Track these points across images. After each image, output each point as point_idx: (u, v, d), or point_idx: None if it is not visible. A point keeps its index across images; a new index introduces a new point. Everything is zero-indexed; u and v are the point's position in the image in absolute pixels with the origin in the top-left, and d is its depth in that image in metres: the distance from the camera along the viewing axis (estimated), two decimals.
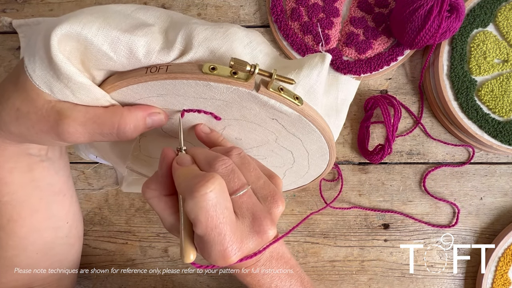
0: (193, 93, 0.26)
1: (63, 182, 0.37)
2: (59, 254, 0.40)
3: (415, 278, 0.50)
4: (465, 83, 0.47)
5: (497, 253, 0.47)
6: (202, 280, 0.51)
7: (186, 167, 0.26)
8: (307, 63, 0.28)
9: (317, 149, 0.34)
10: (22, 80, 0.25)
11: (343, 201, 0.50)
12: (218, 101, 0.27)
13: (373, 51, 0.49)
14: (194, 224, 0.23)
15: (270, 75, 0.25)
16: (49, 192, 0.36)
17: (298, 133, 0.31)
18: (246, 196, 0.26)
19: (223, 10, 0.53)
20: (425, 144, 0.50)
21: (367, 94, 0.51)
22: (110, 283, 0.52)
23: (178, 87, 0.26)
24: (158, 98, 0.27)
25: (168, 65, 0.25)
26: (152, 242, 0.52)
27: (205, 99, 0.27)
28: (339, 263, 0.50)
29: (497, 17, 0.47)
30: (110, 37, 0.23)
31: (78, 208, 0.42)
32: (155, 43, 0.24)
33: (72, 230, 0.41)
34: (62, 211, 0.39)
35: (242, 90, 0.25)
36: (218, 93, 0.26)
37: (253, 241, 0.25)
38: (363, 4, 0.50)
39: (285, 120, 0.29)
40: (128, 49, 0.24)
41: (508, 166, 0.50)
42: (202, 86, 0.25)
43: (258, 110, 0.28)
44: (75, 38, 0.22)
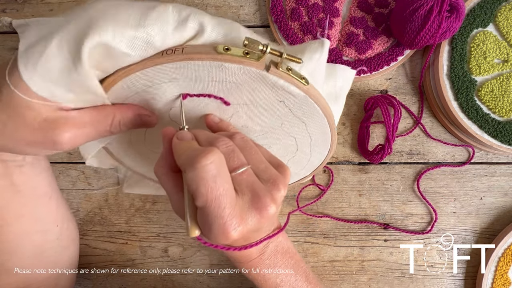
0: (206, 76, 0.27)
1: (46, 184, 0.36)
2: (52, 256, 0.39)
3: (415, 278, 0.50)
4: (465, 83, 0.47)
5: (497, 253, 0.47)
6: (202, 280, 0.51)
7: (186, 142, 0.26)
8: (308, 48, 0.30)
9: (319, 134, 0.35)
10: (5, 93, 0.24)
11: (343, 202, 0.50)
12: (229, 84, 0.28)
13: (373, 51, 0.49)
14: (194, 196, 0.24)
15: (280, 54, 0.25)
16: (33, 196, 0.35)
17: (303, 116, 0.32)
18: (245, 174, 0.26)
19: (223, 10, 0.53)
20: (425, 144, 0.50)
21: (367, 94, 0.51)
22: (110, 283, 0.52)
23: (191, 70, 0.26)
24: (170, 83, 0.27)
25: (183, 47, 0.25)
26: (152, 242, 0.52)
27: (216, 81, 0.28)
28: (339, 263, 0.50)
29: (497, 17, 0.47)
30: (126, 38, 0.23)
31: (67, 209, 0.41)
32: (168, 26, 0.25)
33: (63, 232, 0.40)
34: (50, 214, 0.38)
35: (253, 70, 0.26)
36: (231, 74, 0.27)
37: (253, 217, 0.25)
38: (363, 4, 0.50)
39: (292, 102, 0.30)
40: (145, 42, 0.24)
41: (508, 166, 0.50)
42: (216, 68, 0.26)
43: (267, 91, 0.29)
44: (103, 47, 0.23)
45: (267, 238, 0.30)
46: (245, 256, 0.32)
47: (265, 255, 0.33)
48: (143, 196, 0.52)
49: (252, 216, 0.25)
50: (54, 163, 0.52)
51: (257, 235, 0.30)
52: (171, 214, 0.52)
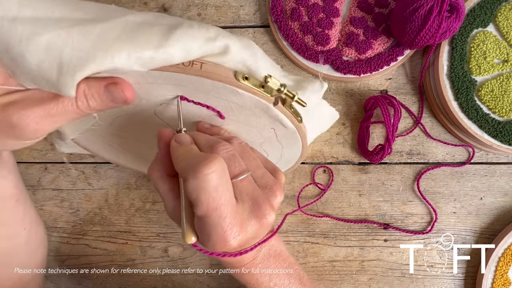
0: (213, 92, 0.27)
1: (13, 186, 0.33)
2: (20, 262, 0.36)
3: (415, 278, 0.50)
4: (465, 83, 0.47)
5: (497, 253, 0.47)
6: (202, 280, 0.51)
7: (185, 146, 0.25)
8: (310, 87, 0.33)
9: (289, 157, 0.40)
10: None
11: (343, 202, 0.50)
12: (233, 104, 0.28)
13: (373, 51, 0.49)
14: (194, 205, 0.23)
15: (293, 97, 0.28)
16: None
17: (284, 143, 0.36)
18: (246, 181, 0.26)
19: (223, 10, 0.53)
20: (425, 144, 0.50)
21: (367, 94, 0.51)
22: (110, 283, 0.52)
23: (203, 84, 0.26)
24: (174, 87, 0.27)
25: (202, 62, 0.24)
26: (152, 242, 0.52)
27: (222, 99, 0.28)
28: (339, 263, 0.50)
29: (497, 17, 0.47)
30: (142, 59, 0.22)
31: (34, 212, 0.38)
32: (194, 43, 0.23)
33: (31, 236, 0.37)
34: (17, 217, 0.35)
35: (262, 101, 0.27)
36: (240, 99, 0.27)
37: (252, 225, 0.25)
38: (363, 4, 0.50)
39: (281, 131, 0.32)
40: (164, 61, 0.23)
41: (508, 166, 0.50)
42: (228, 90, 0.26)
43: (264, 118, 0.30)
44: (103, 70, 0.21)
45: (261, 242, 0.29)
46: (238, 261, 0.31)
47: (258, 259, 0.33)
48: (143, 196, 0.52)
49: (252, 225, 0.25)
50: (54, 163, 0.52)
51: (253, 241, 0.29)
52: None
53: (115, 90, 0.23)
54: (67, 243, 0.52)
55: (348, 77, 0.50)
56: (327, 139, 0.51)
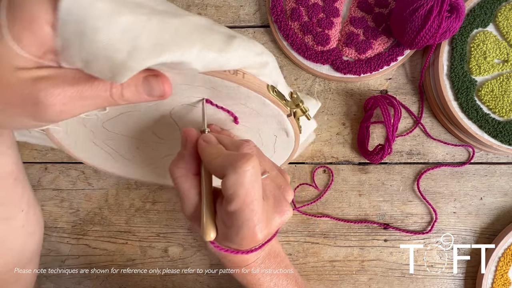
0: (242, 99, 0.29)
1: (12, 162, 0.31)
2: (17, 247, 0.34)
3: (415, 278, 0.50)
4: (465, 83, 0.47)
5: (497, 253, 0.47)
6: (202, 280, 0.51)
7: (214, 146, 0.27)
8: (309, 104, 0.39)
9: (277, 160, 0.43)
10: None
11: (343, 202, 0.50)
12: (253, 111, 0.31)
13: (373, 51, 0.49)
14: (229, 201, 0.24)
15: (305, 111, 0.32)
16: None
17: (278, 149, 0.39)
18: (268, 180, 0.28)
19: (223, 10, 0.53)
20: (425, 144, 0.50)
21: (367, 94, 0.51)
22: (110, 283, 0.52)
23: (238, 92, 0.28)
24: (207, 90, 0.28)
25: (244, 72, 0.27)
26: (152, 242, 0.52)
27: (246, 106, 0.30)
28: (339, 263, 0.50)
29: (497, 17, 0.47)
30: (206, 59, 0.22)
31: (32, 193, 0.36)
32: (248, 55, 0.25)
33: (29, 218, 0.35)
34: (15, 197, 0.33)
35: (280, 112, 0.31)
36: (264, 108, 0.30)
37: (275, 220, 0.27)
38: (363, 4, 0.50)
39: (282, 139, 0.36)
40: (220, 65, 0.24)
41: (508, 166, 0.50)
42: (257, 100, 0.29)
43: (273, 126, 0.34)
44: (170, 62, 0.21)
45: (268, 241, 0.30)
46: (243, 260, 0.33)
47: (260, 259, 0.34)
48: (143, 196, 0.52)
49: (275, 220, 0.27)
50: (54, 163, 0.52)
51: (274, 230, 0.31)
52: (171, 214, 0.52)
53: (155, 82, 0.23)
54: (67, 243, 0.52)
55: (348, 77, 0.50)
56: (327, 139, 0.51)
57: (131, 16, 0.19)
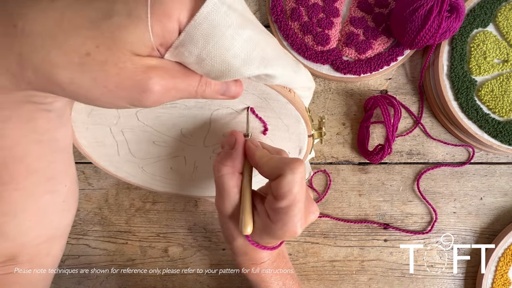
0: (283, 114, 0.33)
1: (69, 136, 0.31)
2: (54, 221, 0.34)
3: (415, 278, 0.50)
4: (465, 83, 0.47)
5: (497, 253, 0.47)
6: (202, 280, 0.51)
7: (262, 149, 0.30)
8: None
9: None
10: (117, 22, 0.19)
11: (343, 202, 0.50)
12: (284, 127, 0.35)
13: (373, 51, 0.49)
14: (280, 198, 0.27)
15: (322, 136, 0.37)
16: (53, 148, 0.29)
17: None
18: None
19: None
20: (425, 144, 0.50)
21: (367, 94, 0.51)
22: (110, 283, 0.52)
23: (284, 107, 0.32)
24: (258, 99, 0.32)
25: (295, 92, 0.32)
26: (152, 242, 0.52)
27: (281, 121, 0.34)
28: (339, 263, 0.50)
29: (497, 17, 0.47)
30: (286, 76, 0.28)
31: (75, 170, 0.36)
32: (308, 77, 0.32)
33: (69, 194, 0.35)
34: (63, 172, 0.32)
35: (305, 132, 0.35)
36: (296, 125, 0.34)
37: (309, 219, 0.30)
38: (363, 4, 0.50)
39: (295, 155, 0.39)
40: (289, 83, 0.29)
41: (508, 166, 0.50)
42: (296, 117, 0.33)
43: (292, 144, 0.37)
44: (271, 76, 0.26)
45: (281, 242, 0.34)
46: (260, 258, 0.35)
47: (273, 258, 0.37)
48: (143, 196, 0.52)
49: (309, 217, 0.30)
50: None
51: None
52: (171, 214, 0.52)
53: (232, 84, 0.26)
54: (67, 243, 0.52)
55: (348, 77, 0.50)
56: (327, 139, 0.51)
57: (251, 31, 0.23)
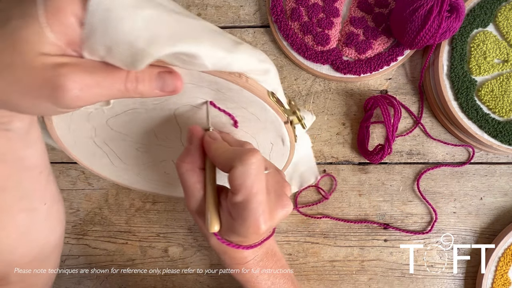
0: (244, 103, 0.30)
1: (37, 156, 0.31)
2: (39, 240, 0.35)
3: (415, 278, 0.50)
4: (465, 83, 0.47)
5: (497, 253, 0.47)
6: (202, 280, 0.51)
7: (220, 142, 0.29)
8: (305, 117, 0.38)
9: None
10: (14, 24, 0.19)
11: (343, 202, 0.50)
12: (254, 117, 0.32)
13: (373, 51, 0.49)
14: (236, 191, 0.26)
15: (301, 119, 0.33)
16: (19, 167, 0.30)
17: (274, 157, 0.39)
18: (270, 176, 0.29)
19: (223, 10, 0.53)
20: (425, 144, 0.50)
21: (367, 94, 0.51)
22: (110, 283, 0.52)
23: (241, 95, 0.29)
24: (212, 91, 0.29)
25: (247, 77, 0.29)
26: (152, 242, 0.52)
27: (247, 111, 0.31)
28: (339, 263, 0.50)
29: (497, 17, 0.47)
30: (216, 57, 0.24)
31: (56, 187, 0.37)
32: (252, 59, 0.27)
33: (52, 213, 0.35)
34: (38, 190, 0.33)
35: (279, 119, 0.32)
36: (263, 113, 0.31)
37: (278, 213, 0.28)
38: (363, 4, 0.50)
39: (278, 147, 0.37)
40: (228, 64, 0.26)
41: (508, 166, 0.50)
42: (258, 105, 0.30)
43: (272, 134, 0.35)
44: (185, 53, 0.23)
45: (267, 238, 0.32)
46: (242, 257, 0.34)
47: (258, 257, 0.35)
48: (143, 196, 0.52)
49: (277, 213, 0.28)
50: (54, 163, 0.52)
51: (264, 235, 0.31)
52: (171, 214, 0.52)
53: (168, 78, 0.25)
54: (67, 243, 0.52)
55: (348, 77, 0.50)
56: (327, 139, 0.51)
57: (153, 10, 0.21)
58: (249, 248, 0.30)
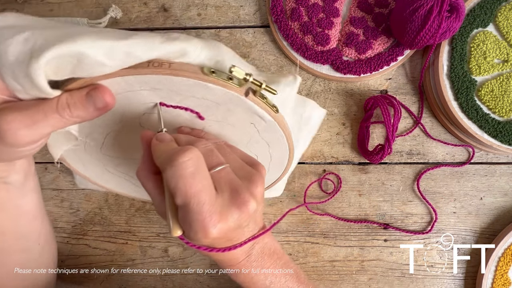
0: (187, 91, 0.28)
1: (33, 204, 0.36)
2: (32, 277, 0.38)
3: (415, 278, 0.50)
4: (465, 83, 0.47)
5: (497, 253, 0.47)
6: (202, 280, 0.51)
7: (166, 143, 0.27)
8: (283, 81, 0.33)
9: (279, 156, 0.39)
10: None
11: (343, 202, 0.50)
12: (208, 102, 0.29)
13: (373, 51, 0.49)
14: (174, 194, 0.24)
15: (260, 85, 0.28)
16: (17, 213, 0.34)
17: (268, 139, 0.36)
18: (224, 172, 0.27)
19: (223, 10, 0.53)
20: (425, 144, 0.50)
21: (367, 94, 0.51)
22: (110, 283, 0.52)
23: (175, 84, 0.27)
24: (150, 91, 0.28)
25: (170, 62, 0.26)
26: (152, 242, 0.52)
27: (197, 98, 0.29)
28: (339, 263, 0.50)
29: (497, 17, 0.47)
30: (105, 47, 0.23)
31: (50, 229, 0.41)
32: (154, 40, 0.25)
33: (44, 252, 0.39)
34: (33, 233, 0.37)
35: (234, 94, 0.28)
36: (212, 94, 0.28)
37: (233, 213, 0.25)
38: (363, 4, 0.50)
39: (261, 126, 0.33)
40: (125, 53, 0.24)
41: (508, 166, 0.50)
42: (199, 86, 0.27)
43: (241, 113, 0.31)
44: (68, 55, 0.22)
45: (252, 239, 0.30)
46: (231, 258, 0.31)
47: (252, 257, 0.32)
48: None
49: (232, 213, 0.25)
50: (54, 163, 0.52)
51: (240, 235, 0.29)
52: None
53: (95, 95, 0.25)
54: (67, 243, 0.52)
55: (348, 77, 0.50)
56: (327, 139, 0.51)
57: (29, 31, 0.22)
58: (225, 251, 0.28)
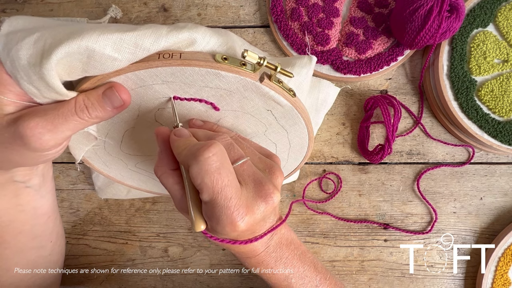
0: (200, 81, 0.27)
1: (48, 205, 0.38)
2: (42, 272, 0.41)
3: (415, 278, 0.50)
4: (465, 83, 0.47)
5: (497, 253, 0.47)
6: (202, 280, 0.51)
7: (185, 138, 0.27)
8: (298, 62, 0.32)
9: (298, 141, 0.38)
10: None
11: (343, 201, 0.50)
12: (222, 91, 0.29)
13: (373, 51, 0.49)
14: (200, 191, 0.24)
15: (275, 68, 0.26)
16: (34, 215, 0.37)
17: (287, 125, 0.34)
18: (246, 166, 0.27)
19: (223, 10, 0.53)
20: (425, 144, 0.50)
21: (367, 94, 0.51)
22: (110, 283, 0.52)
23: (187, 75, 0.26)
24: (162, 85, 0.28)
25: (180, 52, 0.26)
26: (152, 242, 0.52)
27: (210, 88, 0.28)
28: (339, 263, 0.50)
29: (497, 17, 0.47)
30: (112, 40, 0.23)
31: (61, 227, 0.44)
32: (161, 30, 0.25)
33: (55, 248, 0.42)
34: (46, 231, 0.39)
35: (248, 80, 0.27)
36: (225, 82, 0.27)
37: (259, 205, 0.26)
38: (363, 4, 0.50)
39: (278, 111, 0.32)
40: (133, 44, 0.24)
41: (508, 166, 0.50)
42: (212, 75, 0.27)
43: (257, 100, 0.30)
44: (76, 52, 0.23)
45: (271, 230, 0.30)
46: (251, 250, 0.32)
47: (271, 248, 0.33)
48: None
49: (258, 205, 0.26)
50: (54, 163, 0.52)
51: (262, 227, 0.29)
52: (171, 214, 0.52)
53: (111, 94, 0.25)
54: (67, 243, 0.52)
55: (348, 77, 0.50)
56: (327, 139, 0.51)
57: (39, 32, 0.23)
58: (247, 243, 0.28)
